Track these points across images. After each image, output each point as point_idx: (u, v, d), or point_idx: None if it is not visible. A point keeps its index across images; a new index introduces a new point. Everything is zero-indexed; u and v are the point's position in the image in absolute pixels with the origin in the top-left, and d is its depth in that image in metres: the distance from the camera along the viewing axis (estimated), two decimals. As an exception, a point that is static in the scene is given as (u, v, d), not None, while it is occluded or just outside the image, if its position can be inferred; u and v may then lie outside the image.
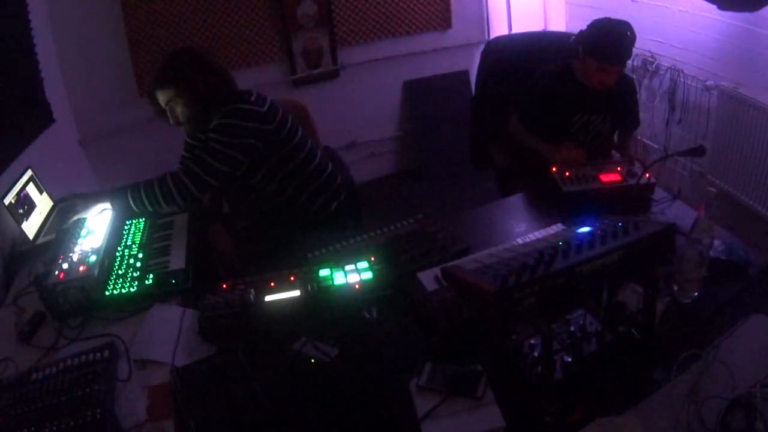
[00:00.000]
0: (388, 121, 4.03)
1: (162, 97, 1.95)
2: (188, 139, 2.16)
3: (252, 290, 1.50)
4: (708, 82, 2.78)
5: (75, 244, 1.85)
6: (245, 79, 2.13)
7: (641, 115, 2.41)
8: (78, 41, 2.96)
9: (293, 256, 1.71)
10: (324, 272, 1.55)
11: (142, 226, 1.95)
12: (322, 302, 1.49)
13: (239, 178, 2.02)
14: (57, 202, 2.17)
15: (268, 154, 1.99)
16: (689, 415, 1.07)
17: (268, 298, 1.50)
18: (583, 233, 1.21)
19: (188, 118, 1.96)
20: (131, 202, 1.91)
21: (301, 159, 2.08)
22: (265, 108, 1.98)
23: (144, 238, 1.88)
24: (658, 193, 1.93)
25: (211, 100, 1.94)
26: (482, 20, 3.93)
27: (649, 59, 3.09)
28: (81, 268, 1.71)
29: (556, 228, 1.76)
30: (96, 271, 1.69)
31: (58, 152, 2.71)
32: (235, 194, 2.26)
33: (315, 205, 2.15)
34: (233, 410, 1.25)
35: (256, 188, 2.08)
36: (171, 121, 1.99)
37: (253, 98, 1.99)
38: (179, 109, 1.95)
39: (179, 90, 1.91)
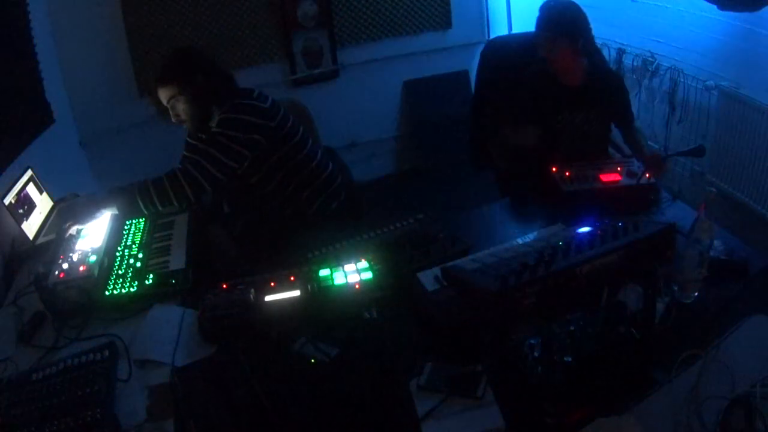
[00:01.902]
0: (388, 121, 4.03)
1: (164, 95, 1.96)
2: (189, 138, 2.16)
3: (252, 290, 1.50)
4: (708, 82, 2.78)
5: (75, 244, 1.85)
6: (245, 79, 2.14)
7: (642, 115, 2.41)
8: (78, 41, 2.96)
9: (293, 256, 1.71)
10: (324, 272, 1.55)
11: (142, 226, 1.95)
12: (322, 302, 1.49)
13: (240, 177, 2.02)
14: (57, 202, 2.17)
15: (269, 152, 1.99)
16: (689, 415, 1.07)
17: (268, 298, 1.50)
18: (583, 233, 1.21)
19: (190, 115, 1.97)
20: (140, 203, 1.85)
21: (301, 158, 2.08)
22: (268, 105, 1.99)
23: (144, 238, 1.88)
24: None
25: (213, 97, 1.96)
26: (482, 20, 3.93)
27: (649, 59, 3.09)
28: (81, 268, 1.71)
29: (556, 228, 1.76)
30: (96, 271, 1.69)
31: (58, 152, 2.71)
32: (235, 194, 2.26)
33: (315, 205, 2.15)
34: (233, 410, 1.25)
35: (256, 187, 2.08)
36: (173, 119, 2.00)
37: (255, 95, 2.00)
38: (181, 107, 1.95)
39: (181, 87, 1.92)
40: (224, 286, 1.54)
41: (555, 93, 2.17)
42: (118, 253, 1.79)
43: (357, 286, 1.51)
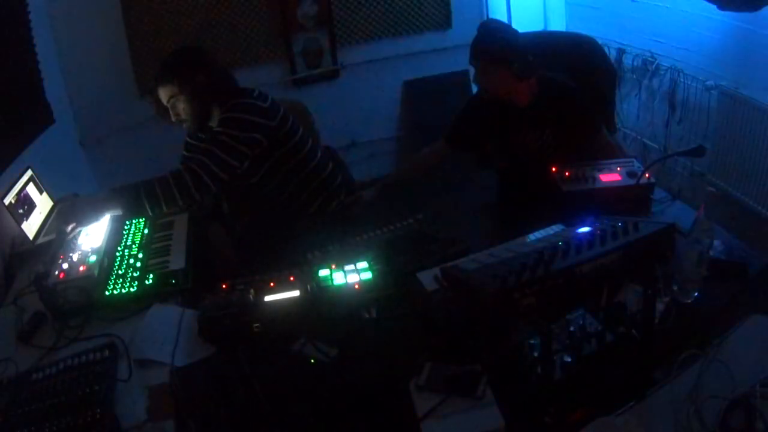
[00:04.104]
0: (388, 121, 4.03)
1: (164, 94, 1.96)
2: (188, 138, 2.16)
3: (252, 290, 1.50)
4: (708, 82, 2.78)
5: (75, 243, 1.85)
6: (245, 79, 2.13)
7: (642, 115, 2.40)
8: (78, 41, 2.95)
9: (293, 256, 1.71)
10: (324, 272, 1.55)
11: (142, 226, 1.95)
12: (322, 302, 1.49)
13: (240, 177, 2.02)
14: (57, 202, 2.17)
15: (270, 152, 1.99)
16: (689, 415, 1.07)
17: (268, 298, 1.50)
18: (583, 233, 1.21)
19: (190, 114, 1.97)
20: (146, 204, 1.80)
21: (301, 158, 2.08)
22: (267, 104, 1.99)
23: (144, 238, 1.88)
24: (658, 193, 1.93)
25: (213, 96, 1.96)
26: (482, 20, 3.92)
27: (649, 59, 3.10)
28: (81, 268, 1.71)
29: (556, 228, 1.76)
30: (96, 271, 1.69)
31: (58, 152, 2.71)
32: (235, 194, 2.26)
33: (314, 205, 2.15)
34: (233, 410, 1.25)
35: (256, 187, 2.08)
36: (173, 118, 2.00)
37: (255, 94, 2.00)
38: (181, 106, 1.95)
39: (181, 86, 1.92)
40: (224, 286, 1.54)
41: (504, 114, 2.11)
42: (118, 253, 1.79)
43: (357, 286, 1.51)
